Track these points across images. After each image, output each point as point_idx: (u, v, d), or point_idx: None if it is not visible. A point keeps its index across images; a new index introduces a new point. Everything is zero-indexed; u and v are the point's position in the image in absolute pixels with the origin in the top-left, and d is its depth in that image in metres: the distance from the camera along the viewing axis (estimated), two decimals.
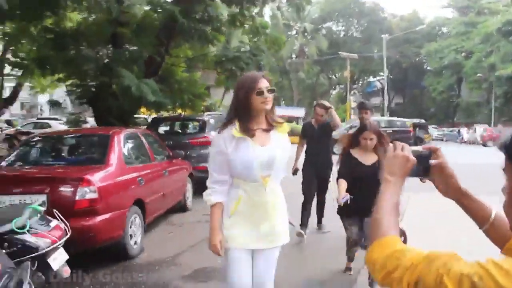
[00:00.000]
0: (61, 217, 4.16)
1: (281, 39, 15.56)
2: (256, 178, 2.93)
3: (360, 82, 64.49)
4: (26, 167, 6.30)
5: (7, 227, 3.66)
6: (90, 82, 12.06)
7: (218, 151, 2.93)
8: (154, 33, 11.27)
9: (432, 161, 1.51)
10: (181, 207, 8.67)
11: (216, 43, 11.91)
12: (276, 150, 2.98)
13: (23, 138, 11.27)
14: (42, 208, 3.98)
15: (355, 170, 4.72)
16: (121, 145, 6.31)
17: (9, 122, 28.97)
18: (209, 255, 3.14)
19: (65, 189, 5.10)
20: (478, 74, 47.50)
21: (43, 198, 4.96)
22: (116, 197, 5.60)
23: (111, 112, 11.12)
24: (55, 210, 4.19)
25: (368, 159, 4.75)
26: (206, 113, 12.83)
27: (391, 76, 58.98)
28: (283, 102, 55.63)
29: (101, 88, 11.42)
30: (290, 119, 38.26)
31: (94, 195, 5.09)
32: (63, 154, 6.80)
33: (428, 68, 56.56)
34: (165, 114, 14.14)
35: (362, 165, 4.73)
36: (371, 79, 64.40)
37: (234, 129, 2.91)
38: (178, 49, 12.76)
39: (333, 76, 61.64)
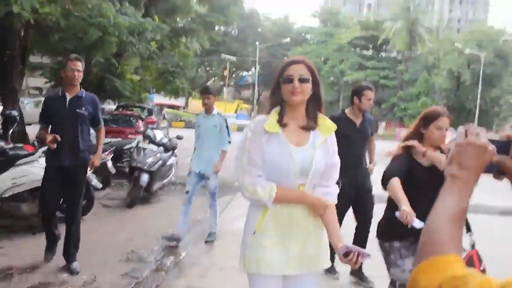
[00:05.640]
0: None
1: (189, 53, 22.42)
2: (291, 185, 2.33)
3: (234, 75, 71.59)
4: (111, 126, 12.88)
5: (130, 145, 10.47)
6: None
7: (251, 136, 2.33)
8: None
9: None
10: None
11: (156, 59, 18.58)
12: (314, 153, 2.34)
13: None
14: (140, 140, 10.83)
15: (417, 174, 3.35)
16: (140, 121, 13.30)
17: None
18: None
19: (129, 136, 11.95)
20: (332, 78, 57.86)
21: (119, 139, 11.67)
22: None
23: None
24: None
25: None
26: (151, 104, 19.59)
27: (262, 72, 67.47)
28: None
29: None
30: (172, 107, 45.48)
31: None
32: (120, 122, 13.48)
33: None
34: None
35: (422, 167, 3.34)
36: (244, 73, 72.08)
37: (267, 122, 2.33)
38: (128, 60, 19.24)
39: (211, 70, 68.99)
